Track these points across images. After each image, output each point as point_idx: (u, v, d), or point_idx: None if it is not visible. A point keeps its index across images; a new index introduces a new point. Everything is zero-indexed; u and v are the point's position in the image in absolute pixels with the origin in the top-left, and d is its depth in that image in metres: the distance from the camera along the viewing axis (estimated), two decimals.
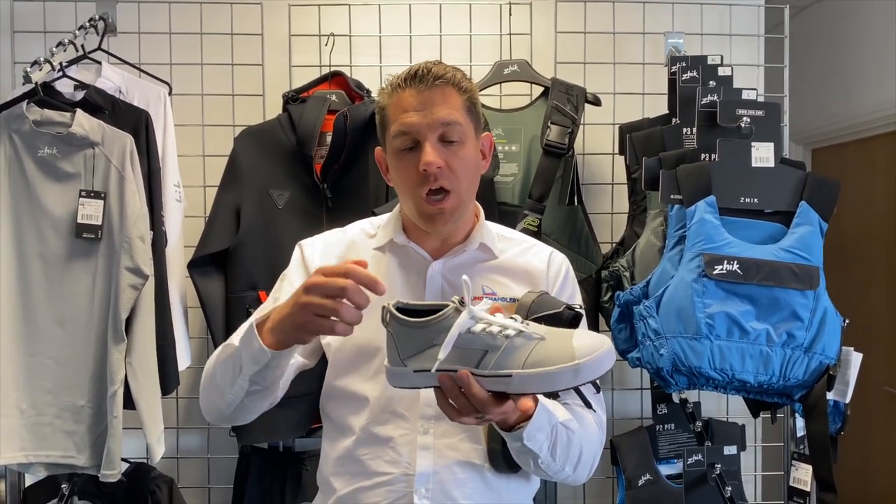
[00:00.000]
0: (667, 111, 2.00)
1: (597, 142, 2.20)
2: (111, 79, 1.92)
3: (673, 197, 1.71)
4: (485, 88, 2.05)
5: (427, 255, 1.25)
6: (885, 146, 3.06)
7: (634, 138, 1.93)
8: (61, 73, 1.82)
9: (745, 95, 1.82)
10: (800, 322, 1.62)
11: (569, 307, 1.13)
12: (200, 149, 2.14)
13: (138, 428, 1.76)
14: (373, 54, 2.20)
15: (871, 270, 3.13)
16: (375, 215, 1.39)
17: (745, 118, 1.73)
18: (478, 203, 1.29)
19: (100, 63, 1.94)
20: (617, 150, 2.09)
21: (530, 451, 1.06)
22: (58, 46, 1.83)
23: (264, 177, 1.93)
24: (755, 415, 1.92)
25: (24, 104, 1.74)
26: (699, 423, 2.03)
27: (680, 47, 2.03)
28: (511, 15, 2.20)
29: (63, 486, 1.84)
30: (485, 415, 0.96)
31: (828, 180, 1.72)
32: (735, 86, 1.87)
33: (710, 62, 1.91)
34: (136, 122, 1.81)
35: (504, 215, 1.88)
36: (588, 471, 1.20)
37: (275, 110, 2.07)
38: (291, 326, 1.01)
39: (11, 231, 1.75)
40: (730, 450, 1.97)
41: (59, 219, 1.74)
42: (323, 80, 2.04)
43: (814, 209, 1.68)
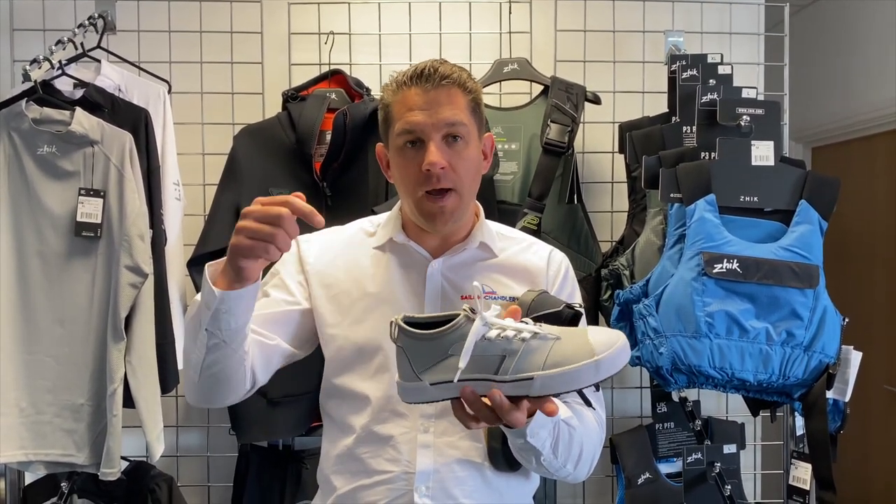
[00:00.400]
0: (667, 110, 2.00)
1: (597, 140, 2.20)
2: (110, 77, 1.92)
3: (673, 195, 1.71)
4: (485, 87, 2.05)
5: (427, 253, 1.25)
6: (885, 145, 3.06)
7: (634, 137, 1.93)
8: (61, 72, 1.82)
9: (745, 94, 1.82)
10: (799, 321, 1.62)
11: (568, 306, 1.13)
12: (200, 147, 2.14)
13: (138, 426, 1.76)
14: (372, 52, 2.20)
15: (870, 269, 3.13)
16: (375, 214, 1.38)
17: (744, 117, 1.73)
18: (477, 202, 1.29)
19: (99, 61, 1.94)
20: (617, 149, 2.09)
21: (533, 448, 1.06)
22: (57, 44, 1.83)
23: (264, 175, 1.93)
24: (755, 413, 1.92)
25: (24, 102, 1.74)
26: (699, 422, 2.03)
27: (680, 46, 2.03)
28: (511, 13, 2.19)
29: (63, 484, 1.84)
30: (503, 420, 0.96)
31: (828, 179, 1.72)
32: (735, 84, 1.87)
33: (710, 60, 1.91)
34: (135, 121, 1.81)
35: (504, 214, 1.88)
36: (588, 468, 1.20)
37: (274, 109, 2.07)
38: (229, 254, 1.00)
39: (11, 229, 1.75)
40: (729, 448, 1.96)
41: (58, 217, 1.74)
42: (322, 78, 2.04)
43: (814, 208, 1.68)
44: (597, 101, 2.06)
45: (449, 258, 1.24)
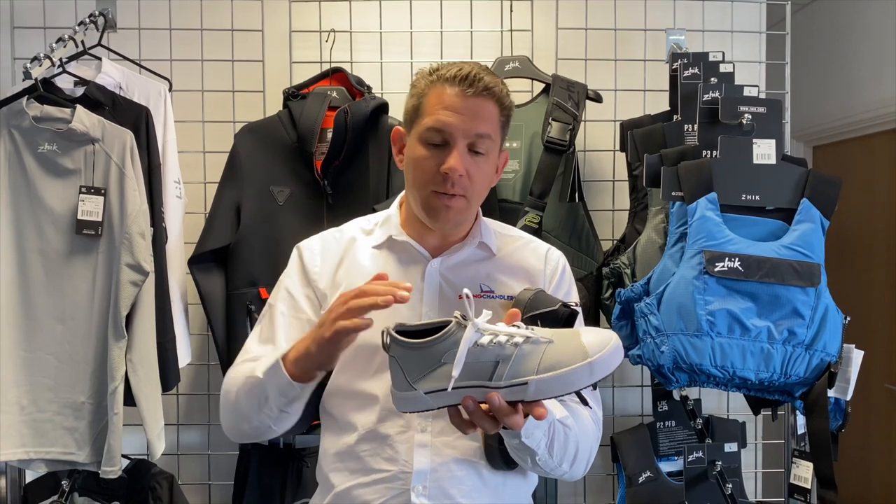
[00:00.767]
0: (668, 108, 1.99)
1: (598, 138, 2.20)
2: (111, 75, 1.92)
3: (674, 194, 1.71)
4: None
5: (426, 252, 1.25)
6: (886, 143, 3.05)
7: (636, 135, 1.93)
8: (61, 69, 1.82)
9: (747, 92, 1.81)
10: (801, 319, 1.62)
11: (564, 304, 1.13)
12: (201, 145, 2.14)
13: (139, 424, 1.76)
14: (373, 50, 2.20)
15: (872, 268, 3.13)
16: (376, 212, 1.38)
17: (746, 115, 1.73)
18: None
19: (100, 59, 1.93)
20: (618, 147, 2.08)
21: (528, 448, 1.06)
22: (58, 42, 1.82)
23: (265, 173, 1.93)
24: (756, 412, 1.92)
25: (24, 100, 1.74)
26: (700, 421, 2.03)
27: (681, 44, 2.03)
28: (512, 11, 2.19)
29: (63, 482, 1.85)
30: (501, 424, 0.96)
31: (829, 178, 1.72)
32: (736, 82, 1.86)
33: (711, 59, 1.91)
34: (136, 119, 1.81)
35: (505, 212, 1.88)
36: (584, 467, 1.20)
37: (275, 107, 2.07)
38: (327, 357, 1.07)
39: (11, 227, 1.75)
40: (730, 447, 1.96)
41: (59, 215, 1.74)
42: (323, 76, 2.04)
43: (815, 206, 1.68)
44: (598, 99, 2.06)
45: (448, 257, 1.24)
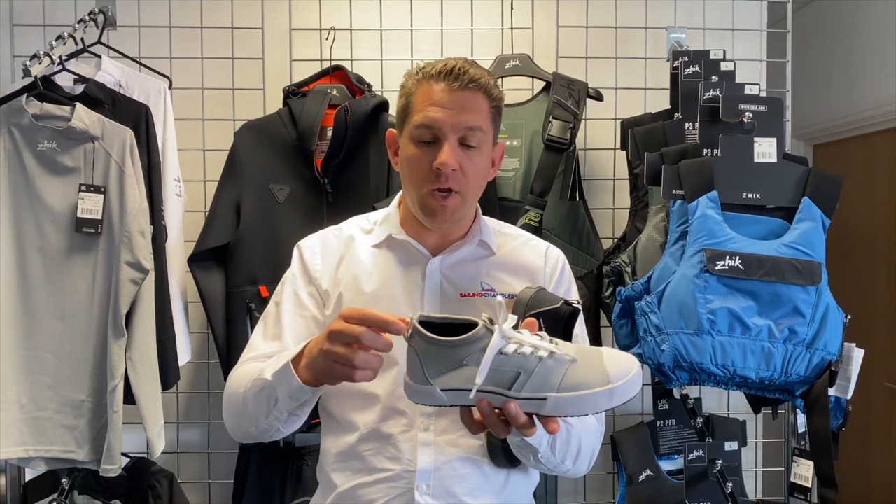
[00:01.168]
0: (669, 106, 1.99)
1: (598, 137, 2.20)
2: (111, 73, 1.92)
3: (675, 192, 1.70)
4: None
5: (426, 251, 1.24)
6: (887, 142, 3.05)
7: (636, 133, 1.93)
8: (61, 67, 1.81)
9: (748, 90, 1.81)
10: (802, 318, 1.62)
11: (566, 302, 1.13)
12: (201, 143, 2.14)
13: (138, 423, 1.76)
14: (374, 48, 2.19)
15: (873, 267, 3.13)
16: (376, 210, 1.38)
17: (747, 113, 1.73)
18: None
19: (99, 57, 1.93)
20: (619, 146, 2.08)
21: (530, 445, 1.06)
22: (57, 40, 1.82)
23: (265, 171, 1.92)
24: (756, 411, 1.92)
25: (24, 98, 1.74)
26: (700, 419, 2.03)
27: (682, 42, 2.02)
28: (513, 9, 2.19)
29: (63, 480, 1.84)
30: (512, 430, 0.96)
31: (830, 176, 1.71)
32: (737, 81, 1.86)
33: (712, 57, 1.90)
34: (136, 116, 1.80)
35: (505, 211, 1.88)
36: (587, 464, 1.21)
37: (275, 105, 2.07)
38: (320, 373, 1.02)
39: (11, 225, 1.75)
40: (731, 446, 1.96)
41: (58, 213, 1.74)
42: (323, 74, 2.04)
43: (816, 205, 1.68)
44: (599, 97, 2.06)
45: (448, 256, 1.24)
